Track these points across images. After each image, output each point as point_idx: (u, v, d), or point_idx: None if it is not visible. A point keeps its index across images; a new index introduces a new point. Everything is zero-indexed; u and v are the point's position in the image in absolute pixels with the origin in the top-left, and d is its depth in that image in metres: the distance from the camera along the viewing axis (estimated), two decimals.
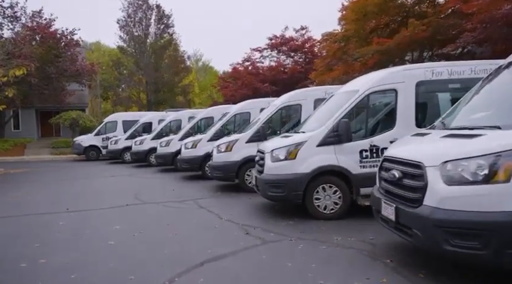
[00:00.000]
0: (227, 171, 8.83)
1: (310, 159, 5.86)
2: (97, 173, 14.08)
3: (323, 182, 5.87)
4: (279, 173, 5.96)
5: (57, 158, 22.04)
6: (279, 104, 9.03)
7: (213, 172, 9.14)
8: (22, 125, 28.86)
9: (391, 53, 13.42)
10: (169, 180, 11.51)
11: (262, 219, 6.09)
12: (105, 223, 6.13)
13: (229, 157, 8.83)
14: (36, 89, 24.16)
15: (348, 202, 5.88)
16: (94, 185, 10.90)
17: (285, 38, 25.54)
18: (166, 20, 38.12)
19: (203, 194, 8.73)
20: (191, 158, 11.33)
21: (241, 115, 11.66)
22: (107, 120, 21.35)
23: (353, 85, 6.57)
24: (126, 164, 17.29)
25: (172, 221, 6.21)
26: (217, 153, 9.04)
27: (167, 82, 38.52)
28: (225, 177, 9.07)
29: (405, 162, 3.65)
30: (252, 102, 11.91)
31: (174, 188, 9.74)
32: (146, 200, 8.19)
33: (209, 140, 11.29)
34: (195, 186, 10.05)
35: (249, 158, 8.67)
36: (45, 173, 14.88)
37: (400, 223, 3.61)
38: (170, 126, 16.51)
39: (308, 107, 8.82)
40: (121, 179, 12.45)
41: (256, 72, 26.71)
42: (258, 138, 8.71)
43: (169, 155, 13.70)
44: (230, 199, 8.00)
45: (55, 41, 24.20)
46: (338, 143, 5.85)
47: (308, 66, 25.04)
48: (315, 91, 9.19)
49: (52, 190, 10.21)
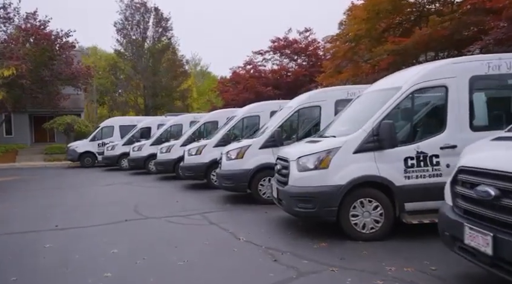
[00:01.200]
0: (238, 180, 7.85)
1: (345, 168, 4.91)
2: (92, 181, 13.05)
3: (361, 196, 4.92)
4: (308, 185, 5.00)
5: (51, 165, 20.97)
6: (296, 106, 8.10)
7: (222, 181, 8.17)
8: (14, 131, 27.72)
9: (408, 53, 12.56)
10: (171, 190, 10.52)
11: (288, 240, 5.13)
12: (100, 246, 5.14)
13: (240, 165, 7.86)
14: (29, 92, 23.12)
15: (391, 219, 4.93)
16: (88, 196, 9.89)
17: (288, 41, 24.70)
18: (165, 23, 37.16)
19: (211, 207, 7.76)
20: (195, 165, 10.35)
21: (249, 119, 10.72)
22: (103, 125, 20.33)
23: (392, 82, 5.58)
24: (123, 171, 16.26)
25: (181, 242, 5.23)
26: (227, 160, 8.07)
27: (165, 86, 37.51)
28: (236, 188, 8.09)
29: (503, 175, 2.73)
30: (261, 104, 11.00)
31: (177, 199, 8.75)
32: (147, 214, 7.20)
33: (215, 146, 10.36)
34: (200, 197, 9.07)
35: (263, 166, 7.77)
36: (36, 181, 13.84)
37: (501, 258, 2.68)
38: (170, 131, 15.56)
39: (329, 109, 7.92)
40: (118, 188, 11.44)
41: (259, 75, 25.82)
42: (273, 143, 7.79)
43: (170, 162, 12.73)
44: (243, 213, 7.03)
45: (50, 43, 23.19)
46: (379, 149, 4.93)
47: (313, 69, 24.22)
48: (336, 91, 8.26)
49: (41, 201, 9.19)
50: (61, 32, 23.94)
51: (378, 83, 6.19)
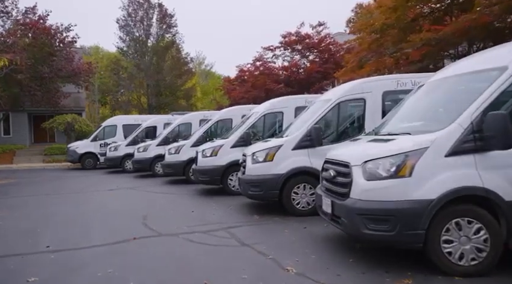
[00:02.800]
0: (268, 187, 6.55)
1: (434, 177, 3.61)
2: (93, 186, 11.78)
3: (457, 215, 3.60)
4: (383, 200, 3.69)
5: (50, 167, 19.74)
6: (339, 97, 6.72)
7: (247, 188, 6.83)
8: (12, 130, 26.43)
9: (448, 41, 11.21)
10: (183, 196, 9.24)
11: (354, 272, 3.82)
12: (102, 280, 3.85)
13: (270, 168, 6.56)
14: (27, 89, 21.88)
15: (499, 247, 3.58)
16: (89, 204, 8.60)
17: (300, 36, 23.36)
18: (169, 20, 35.86)
19: (235, 219, 6.46)
20: (210, 168, 9.06)
21: (272, 115, 9.48)
22: (106, 124, 19.09)
23: (488, 61, 4.19)
24: (127, 174, 15.00)
25: (210, 273, 3.92)
26: (253, 163, 6.77)
27: (169, 85, 36.26)
28: (264, 196, 6.76)
29: None
30: (285, 99, 9.72)
31: (193, 209, 7.46)
32: (160, 229, 5.91)
33: (233, 146, 9.11)
34: (219, 205, 7.78)
35: (297, 170, 6.50)
36: (32, 185, 12.58)
37: None
38: (178, 130, 14.28)
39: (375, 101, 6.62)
40: (122, 194, 10.16)
41: (269, 72, 24.49)
42: (309, 143, 6.49)
43: (179, 164, 11.48)
44: (277, 229, 5.72)
45: (49, 37, 21.94)
46: (483, 150, 3.61)
47: (326, 65, 22.91)
48: None
49: (34, 210, 7.91)
50: (61, 27, 22.72)
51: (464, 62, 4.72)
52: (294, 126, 7.28)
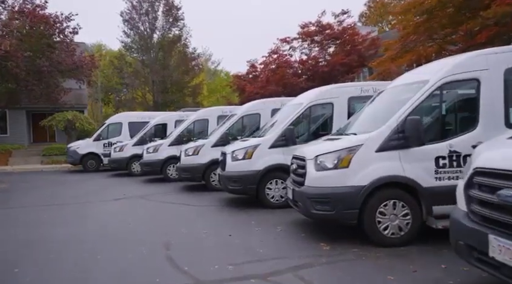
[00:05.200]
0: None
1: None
2: (95, 193, 9.90)
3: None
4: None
5: (48, 169, 17.90)
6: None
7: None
8: (10, 129, 24.57)
9: None
10: (210, 210, 7.33)
11: None
12: None
13: (346, 178, 4.59)
14: (24, 84, 20.00)
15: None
16: (87, 223, 6.65)
17: (321, 26, 21.36)
18: (176, 12, 33.96)
19: (297, 250, 4.52)
20: (244, 174, 7.11)
21: (318, 108, 7.57)
22: (110, 122, 17.18)
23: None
24: (135, 178, 13.15)
25: None
26: (318, 170, 4.80)
27: (176, 81, 34.37)
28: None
29: None
30: (334, 88, 7.82)
31: (229, 231, 5.53)
32: (195, 270, 3.96)
33: (271, 147, 7.20)
34: (261, 224, 5.86)
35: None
36: (22, 191, 10.71)
37: None
38: (193, 128, 12.38)
39: None
40: (131, 205, 8.27)
41: (288, 65, 22.51)
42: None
43: (199, 168, 9.61)
44: (370, 271, 3.79)
45: (48, 27, 20.04)
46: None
47: (350, 57, 20.92)
48: None
49: (19, 231, 6.02)
50: (61, 16, 20.79)
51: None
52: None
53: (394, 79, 5.98)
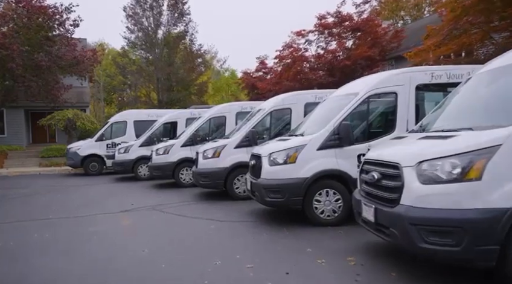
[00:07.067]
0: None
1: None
2: (98, 203, 8.38)
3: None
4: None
5: (46, 172, 16.41)
6: None
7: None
8: (7, 129, 23.09)
9: None
10: (245, 227, 5.77)
11: None
12: None
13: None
14: (21, 80, 18.53)
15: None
16: (91, 248, 5.15)
17: (341, 17, 19.79)
18: (181, 7, 32.45)
19: None
20: (288, 183, 5.54)
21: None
22: (114, 120, 15.67)
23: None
24: (142, 183, 11.67)
25: None
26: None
27: (182, 79, 32.84)
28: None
29: None
30: (391, 75, 6.21)
31: (285, 267, 3.96)
32: None
33: (319, 148, 5.64)
34: (321, 250, 4.30)
35: None
36: (15, 201, 9.20)
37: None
38: (209, 126, 10.87)
39: None
40: (143, 219, 6.73)
41: (304, 59, 20.92)
42: None
43: (220, 173, 8.12)
44: None
45: (46, 18, 18.54)
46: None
47: (373, 50, 19.34)
48: None
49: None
50: (60, 7, 19.31)
51: None
52: None
53: None
